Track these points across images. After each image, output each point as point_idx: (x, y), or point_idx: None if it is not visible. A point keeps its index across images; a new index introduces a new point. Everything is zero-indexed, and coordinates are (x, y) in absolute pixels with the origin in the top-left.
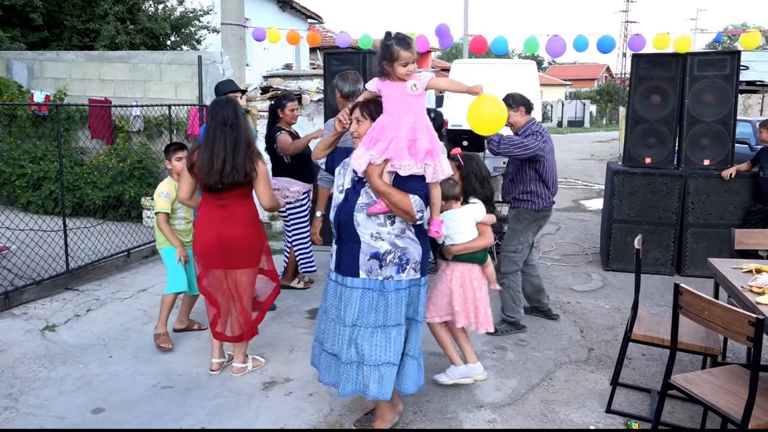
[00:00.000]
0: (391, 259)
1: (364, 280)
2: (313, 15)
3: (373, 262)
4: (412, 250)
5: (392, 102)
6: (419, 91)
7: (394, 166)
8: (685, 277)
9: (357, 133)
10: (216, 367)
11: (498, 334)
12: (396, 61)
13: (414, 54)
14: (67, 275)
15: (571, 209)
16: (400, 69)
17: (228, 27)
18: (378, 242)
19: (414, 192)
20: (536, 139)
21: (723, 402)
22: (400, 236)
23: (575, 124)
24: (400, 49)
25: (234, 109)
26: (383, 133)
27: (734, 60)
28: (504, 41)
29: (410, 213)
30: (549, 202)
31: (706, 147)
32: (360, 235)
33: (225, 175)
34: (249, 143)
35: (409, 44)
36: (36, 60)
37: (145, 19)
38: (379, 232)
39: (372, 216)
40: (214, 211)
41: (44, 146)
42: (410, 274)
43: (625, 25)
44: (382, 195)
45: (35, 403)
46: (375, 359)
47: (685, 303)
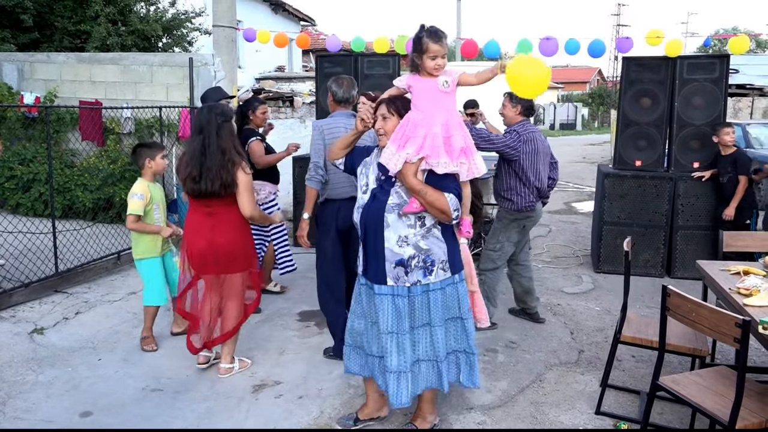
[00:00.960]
0: (416, 263)
1: (393, 287)
2: (306, 17)
3: (399, 269)
4: (437, 250)
5: (423, 98)
6: (451, 87)
7: (431, 164)
8: (675, 279)
9: (383, 130)
10: (203, 360)
11: None
12: (425, 53)
13: (444, 48)
14: (57, 278)
15: (563, 212)
16: (429, 62)
17: (220, 29)
18: (403, 248)
19: (448, 190)
20: (509, 136)
21: (711, 403)
22: (426, 236)
23: (567, 127)
24: (429, 41)
25: (207, 116)
26: (415, 130)
27: (724, 63)
28: (496, 45)
29: (447, 212)
30: (529, 202)
31: (696, 150)
32: (386, 240)
33: (196, 182)
34: (223, 151)
35: (440, 37)
36: (26, 61)
37: (136, 20)
38: (407, 235)
39: (404, 216)
40: (202, 218)
41: (34, 148)
42: (439, 275)
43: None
44: (418, 194)
45: (23, 406)
46: (396, 366)
47: (673, 305)
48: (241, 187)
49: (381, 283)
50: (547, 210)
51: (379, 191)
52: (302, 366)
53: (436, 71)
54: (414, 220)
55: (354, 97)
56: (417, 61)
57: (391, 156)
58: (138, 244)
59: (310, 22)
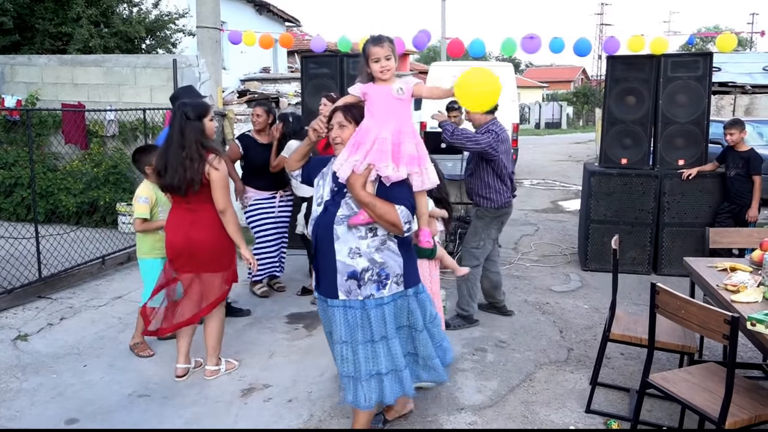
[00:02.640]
0: (370, 276)
1: (344, 301)
2: (291, 18)
3: (351, 282)
4: (392, 264)
5: (376, 104)
6: (405, 95)
7: (378, 169)
8: (662, 276)
9: (340, 138)
10: (181, 372)
11: (452, 328)
12: (369, 58)
13: (386, 50)
14: (40, 283)
15: (549, 210)
16: (374, 65)
17: (204, 30)
18: (355, 259)
19: (399, 202)
20: (489, 136)
21: (700, 400)
22: (380, 249)
23: (552, 126)
24: (370, 45)
25: (174, 112)
26: (366, 137)
27: (707, 61)
28: (481, 44)
29: (398, 225)
30: (507, 198)
31: (681, 147)
32: (336, 252)
33: (161, 176)
34: (183, 146)
35: (380, 40)
36: (7, 64)
37: (119, 22)
38: (359, 246)
39: (353, 228)
40: (181, 214)
41: (16, 152)
42: (392, 289)
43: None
44: (366, 206)
45: (7, 414)
46: (368, 372)
47: (662, 302)
48: (213, 183)
49: (333, 296)
50: (533, 209)
51: (331, 203)
52: (291, 369)
53: (382, 74)
54: (365, 232)
55: None
56: (367, 69)
57: (342, 162)
58: (143, 244)
59: (295, 22)
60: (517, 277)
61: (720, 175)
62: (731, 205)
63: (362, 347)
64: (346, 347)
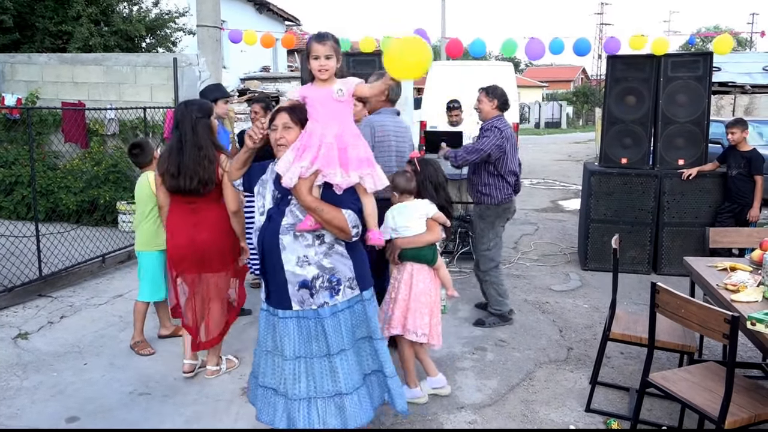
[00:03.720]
0: (321, 284)
1: (298, 311)
2: (291, 17)
3: (303, 291)
4: (342, 268)
5: (317, 108)
6: (346, 96)
7: (326, 176)
8: (662, 275)
9: (285, 140)
10: (188, 368)
11: (487, 326)
12: (309, 54)
13: (328, 49)
14: (41, 281)
15: (549, 209)
16: (312, 62)
17: (204, 29)
18: (305, 268)
19: (345, 206)
20: (493, 134)
21: (700, 399)
22: (328, 254)
23: (552, 126)
24: (312, 42)
25: (183, 111)
26: (310, 140)
27: (707, 61)
28: (482, 43)
29: (345, 230)
30: (508, 194)
31: (681, 147)
32: (285, 262)
33: (175, 178)
34: (199, 147)
35: (322, 37)
36: (7, 62)
37: (119, 20)
38: (307, 255)
39: (299, 236)
40: (185, 215)
41: (16, 150)
42: (347, 294)
43: (600, 28)
44: (314, 212)
45: (7, 413)
46: (326, 391)
47: (662, 301)
48: (225, 182)
49: (285, 308)
50: (533, 208)
51: (275, 212)
52: None
53: (320, 73)
54: (312, 239)
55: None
56: (309, 66)
57: (287, 166)
58: (141, 236)
59: (295, 21)
60: (516, 277)
61: (720, 175)
62: (732, 205)
63: (318, 362)
64: (299, 363)
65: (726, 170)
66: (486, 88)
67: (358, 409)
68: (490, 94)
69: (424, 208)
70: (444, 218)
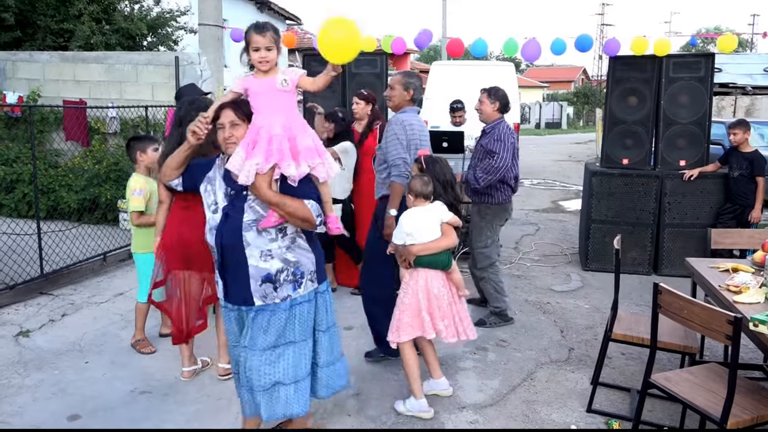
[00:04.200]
0: (285, 277)
1: (261, 306)
2: (292, 16)
3: (266, 285)
4: (305, 261)
5: (261, 99)
6: (290, 86)
7: (281, 169)
8: (663, 276)
9: (234, 138)
10: (188, 375)
11: (488, 326)
12: (249, 45)
13: (268, 40)
14: (42, 279)
15: (550, 210)
16: (253, 54)
17: (206, 28)
18: (268, 262)
19: (306, 196)
20: (503, 148)
21: (702, 400)
22: (291, 248)
23: (552, 126)
24: (252, 32)
25: (186, 109)
26: (259, 135)
27: (709, 62)
28: (483, 43)
29: (310, 220)
30: (508, 195)
31: (682, 148)
32: (248, 257)
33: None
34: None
35: (262, 29)
36: (8, 60)
37: (120, 19)
38: (270, 249)
39: (263, 232)
40: (177, 212)
41: (17, 148)
42: (308, 287)
43: (601, 28)
44: (276, 206)
45: (9, 410)
46: (291, 377)
47: (665, 302)
48: None
49: (248, 304)
50: (534, 208)
51: (231, 209)
52: None
53: (260, 65)
54: (275, 233)
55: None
56: (248, 57)
57: (240, 164)
58: (137, 238)
59: (296, 20)
60: (517, 277)
61: (721, 176)
62: (734, 206)
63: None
64: (263, 355)
65: (728, 171)
66: (488, 89)
67: (293, 399)
68: (492, 95)
69: (439, 213)
70: (458, 221)
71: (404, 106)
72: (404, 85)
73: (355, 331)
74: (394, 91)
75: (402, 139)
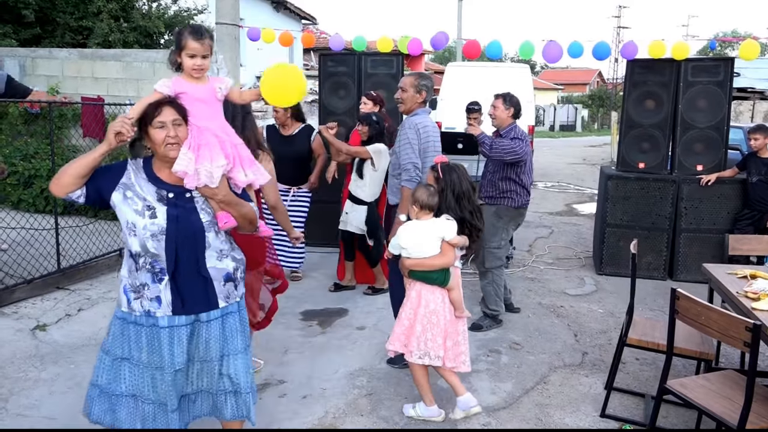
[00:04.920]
0: (239, 274)
1: (224, 308)
2: (308, 16)
3: (229, 285)
4: (241, 257)
5: (200, 105)
6: (222, 96)
7: (235, 176)
8: (678, 282)
9: (178, 138)
10: None
11: (482, 329)
12: (184, 50)
13: (206, 48)
14: (59, 274)
15: (564, 213)
16: (187, 61)
17: (223, 26)
18: (223, 261)
19: (246, 199)
20: (523, 144)
21: (719, 407)
22: (232, 247)
23: (567, 129)
24: (190, 38)
25: (233, 109)
26: (208, 137)
27: (728, 66)
28: (499, 45)
29: (254, 222)
30: (526, 200)
31: (700, 152)
32: (207, 259)
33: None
34: (249, 142)
35: (202, 35)
36: (28, 57)
37: (138, 17)
38: (222, 248)
39: (219, 233)
40: None
41: (36, 144)
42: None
43: (617, 31)
44: (233, 207)
45: (25, 403)
46: (249, 384)
47: (682, 308)
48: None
49: (213, 307)
50: (548, 211)
51: (181, 212)
52: (306, 365)
53: (194, 72)
54: (224, 233)
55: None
56: (177, 59)
57: (190, 166)
58: None
59: (312, 20)
60: (531, 280)
61: (739, 182)
62: (752, 212)
63: (242, 356)
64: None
65: (746, 177)
66: (503, 94)
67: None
68: (507, 101)
69: (440, 230)
70: (462, 241)
71: (416, 108)
72: (416, 87)
73: (367, 331)
74: (405, 93)
75: (414, 144)
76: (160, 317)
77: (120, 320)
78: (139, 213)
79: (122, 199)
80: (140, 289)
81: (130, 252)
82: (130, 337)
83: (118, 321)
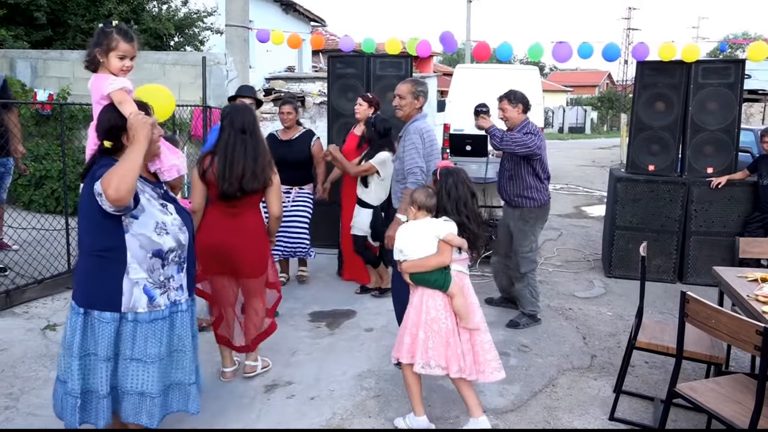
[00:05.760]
0: None
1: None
2: (316, 18)
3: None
4: None
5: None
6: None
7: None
8: (687, 285)
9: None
10: (230, 376)
11: (519, 326)
12: (113, 50)
13: (134, 50)
14: (69, 274)
15: (573, 215)
16: (116, 62)
17: (232, 28)
18: None
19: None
20: (536, 137)
21: (729, 411)
22: None
23: (576, 131)
24: (120, 39)
25: (252, 116)
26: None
27: (739, 68)
28: (509, 47)
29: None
30: (547, 195)
31: (710, 155)
32: None
33: (245, 182)
34: (266, 151)
35: (131, 38)
36: (39, 59)
37: (149, 19)
38: None
39: None
40: (224, 218)
41: (47, 145)
42: None
43: (627, 33)
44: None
45: (36, 402)
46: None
47: (692, 311)
48: (273, 189)
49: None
50: (557, 213)
51: (177, 206)
52: (313, 367)
53: (122, 73)
54: None
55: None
56: (100, 59)
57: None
58: None
59: (321, 22)
60: (539, 282)
61: (750, 184)
62: (763, 215)
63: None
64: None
65: (757, 179)
66: (506, 95)
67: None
68: (513, 100)
69: (435, 228)
70: (459, 241)
71: (414, 114)
72: (414, 94)
73: (375, 333)
74: (404, 100)
75: (419, 148)
76: (181, 303)
77: (131, 323)
78: (162, 211)
79: (146, 201)
80: (165, 284)
81: (156, 252)
82: (146, 336)
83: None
